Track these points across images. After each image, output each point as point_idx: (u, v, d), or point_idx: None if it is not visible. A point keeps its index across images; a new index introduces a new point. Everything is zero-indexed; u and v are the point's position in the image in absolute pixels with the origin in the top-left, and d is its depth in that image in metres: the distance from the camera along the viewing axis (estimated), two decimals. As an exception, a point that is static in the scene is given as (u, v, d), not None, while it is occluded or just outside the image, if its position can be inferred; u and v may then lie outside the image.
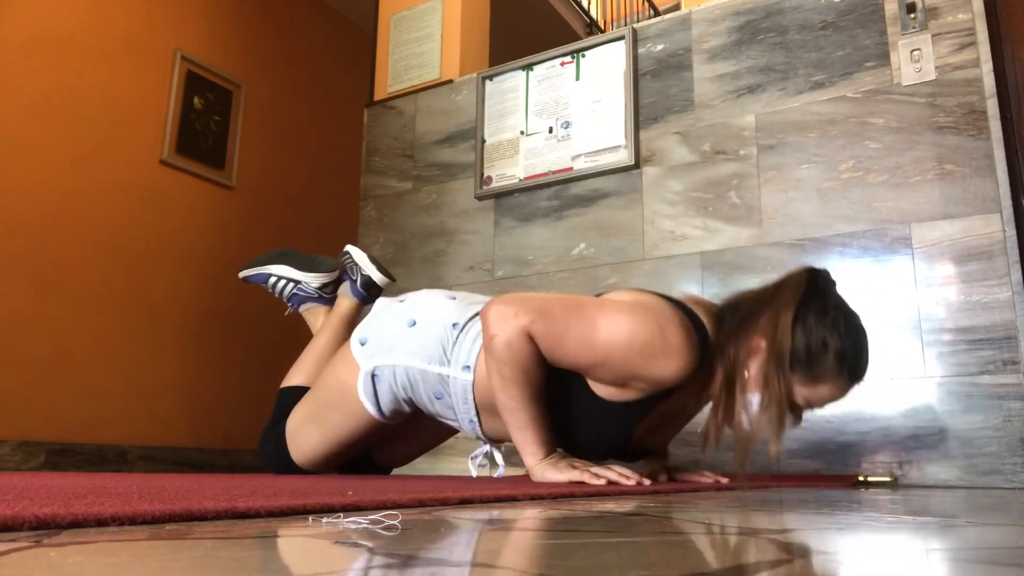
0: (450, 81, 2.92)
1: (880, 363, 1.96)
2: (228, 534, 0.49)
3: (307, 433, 1.54)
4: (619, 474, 1.24)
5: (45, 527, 0.47)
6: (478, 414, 1.42)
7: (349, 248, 1.87)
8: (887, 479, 1.88)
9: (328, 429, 1.52)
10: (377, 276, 1.82)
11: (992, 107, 1.94)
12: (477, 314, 1.43)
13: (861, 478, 1.89)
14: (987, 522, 0.76)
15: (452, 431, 1.68)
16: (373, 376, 1.46)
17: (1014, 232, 1.86)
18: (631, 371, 1.24)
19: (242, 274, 1.86)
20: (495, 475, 1.57)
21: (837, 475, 1.91)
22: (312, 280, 1.82)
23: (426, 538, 0.52)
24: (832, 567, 0.42)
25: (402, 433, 1.65)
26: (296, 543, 0.48)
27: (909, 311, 1.95)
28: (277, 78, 4.21)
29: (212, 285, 3.66)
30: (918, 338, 1.92)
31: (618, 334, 1.22)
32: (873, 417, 1.94)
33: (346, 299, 1.80)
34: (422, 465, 2.60)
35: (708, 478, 1.47)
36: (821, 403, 1.26)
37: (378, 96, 3.13)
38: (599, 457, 1.42)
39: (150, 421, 3.32)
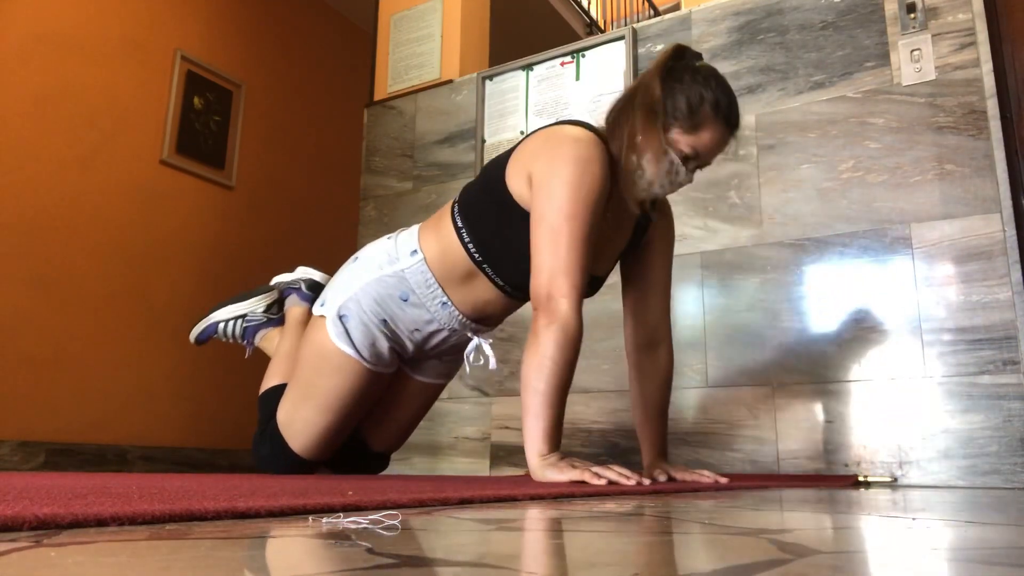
0: (450, 81, 2.92)
1: (880, 363, 1.97)
2: (228, 534, 0.49)
3: (300, 413, 1.54)
4: (619, 474, 1.24)
5: (45, 527, 0.47)
6: (444, 291, 1.49)
7: (276, 278, 1.93)
8: (887, 479, 1.88)
9: (319, 398, 1.52)
10: (319, 275, 1.87)
11: (992, 107, 1.94)
12: (407, 228, 1.57)
13: (861, 478, 1.89)
14: (987, 522, 0.76)
15: (437, 391, 1.72)
16: (341, 317, 1.51)
17: (1014, 232, 1.86)
18: (599, 199, 1.35)
19: (192, 337, 1.89)
20: (490, 368, 1.56)
21: (837, 475, 1.91)
22: (256, 304, 1.86)
23: (426, 538, 0.52)
24: (832, 567, 0.42)
25: (387, 403, 1.67)
26: (296, 543, 0.48)
27: (909, 311, 1.95)
28: (277, 78, 4.21)
29: (212, 285, 3.66)
30: (918, 338, 1.92)
31: (577, 201, 1.32)
32: (873, 417, 1.94)
33: (297, 307, 1.83)
34: (422, 465, 2.60)
35: (708, 478, 1.47)
36: (706, 150, 1.39)
37: (378, 96, 3.13)
38: None
39: (150, 421, 3.32)
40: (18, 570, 0.33)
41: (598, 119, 1.49)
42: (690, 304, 2.24)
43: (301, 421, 1.54)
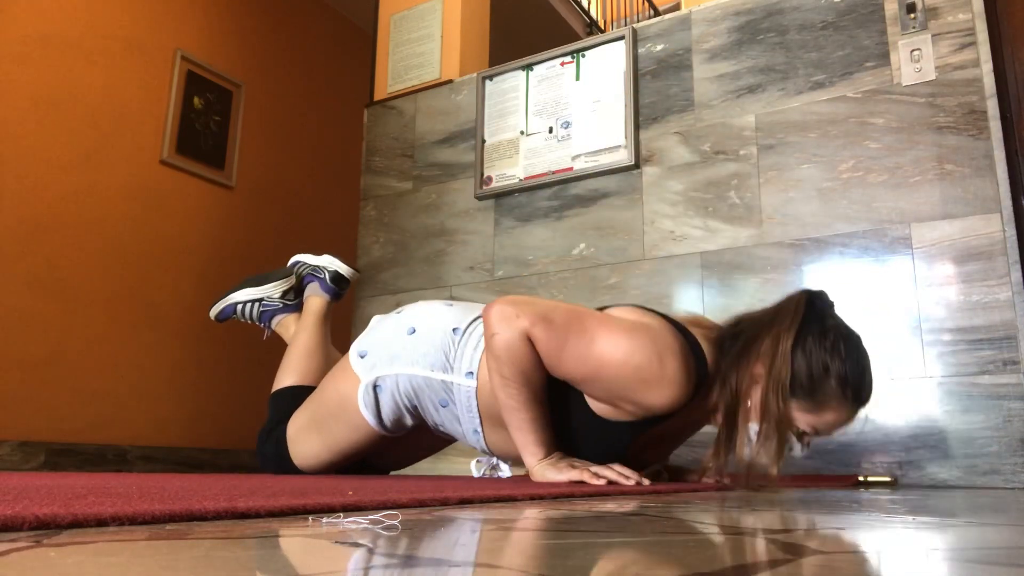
0: (450, 81, 2.92)
1: (880, 363, 1.97)
2: (228, 534, 0.49)
3: (308, 440, 1.54)
4: (619, 474, 1.24)
5: (45, 527, 0.47)
6: (482, 423, 1.41)
7: (298, 256, 1.89)
8: (887, 479, 1.88)
9: (329, 439, 1.52)
10: (344, 269, 1.83)
11: (992, 107, 1.94)
12: (477, 318, 1.43)
13: (861, 478, 1.89)
14: (987, 522, 0.76)
15: (451, 439, 1.68)
16: (375, 387, 1.45)
17: (1014, 232, 1.86)
18: (621, 392, 1.24)
19: (212, 313, 1.88)
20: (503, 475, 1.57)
21: (837, 475, 1.91)
22: (272, 290, 1.83)
23: (426, 538, 0.52)
24: (832, 567, 0.42)
25: (402, 442, 1.65)
26: (296, 543, 0.48)
27: (909, 311, 1.95)
28: (277, 78, 4.21)
29: (212, 285, 3.66)
30: (918, 338, 1.92)
31: (615, 353, 1.21)
32: (873, 417, 1.94)
33: (316, 297, 1.81)
34: (422, 465, 2.60)
35: (708, 478, 1.47)
36: (828, 429, 1.25)
37: (378, 96, 3.13)
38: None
39: (150, 421, 3.32)
40: (18, 570, 0.33)
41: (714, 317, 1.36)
42: (690, 304, 2.24)
43: (306, 446, 1.54)
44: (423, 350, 1.42)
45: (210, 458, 3.52)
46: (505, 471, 1.56)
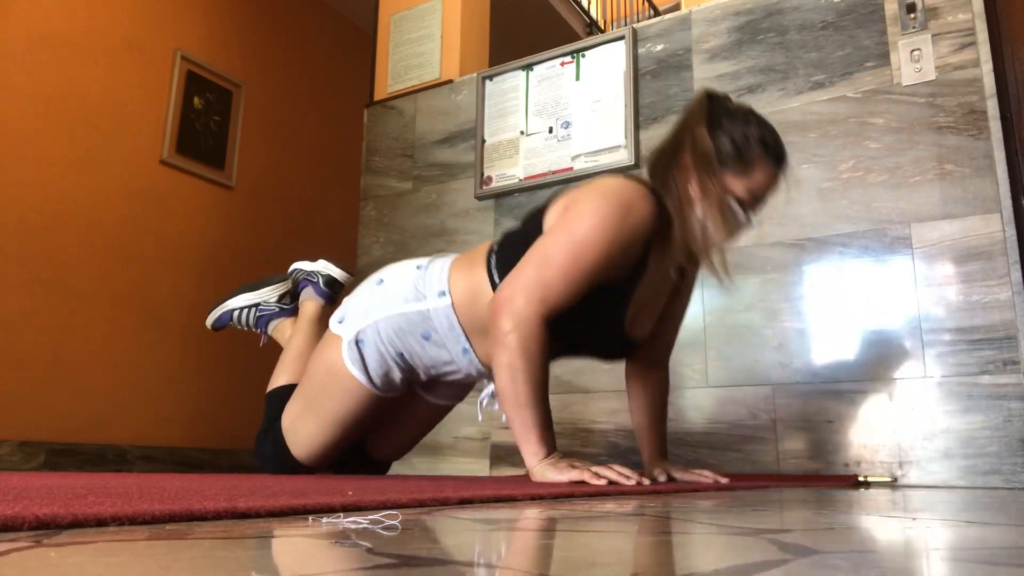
0: (450, 81, 2.92)
1: (880, 363, 1.97)
2: (228, 534, 0.49)
3: (304, 425, 1.54)
4: (619, 474, 1.24)
5: (45, 527, 0.47)
6: (468, 339, 1.44)
7: (296, 264, 1.91)
8: (887, 479, 1.88)
9: (323, 416, 1.52)
10: (338, 273, 1.86)
11: (992, 107, 1.94)
12: (436, 256, 1.53)
13: (861, 478, 1.89)
14: (987, 522, 0.76)
15: (446, 411, 1.71)
16: (358, 342, 1.47)
17: (1014, 232, 1.86)
18: (625, 242, 1.31)
19: (208, 322, 1.90)
20: (502, 419, 1.57)
21: (837, 475, 1.91)
22: (269, 294, 1.85)
23: (426, 538, 0.52)
24: (832, 567, 0.42)
25: (395, 418, 1.66)
26: (296, 543, 0.48)
27: (909, 311, 1.95)
28: (277, 78, 4.21)
29: (212, 285, 3.66)
30: (918, 338, 1.92)
31: (599, 232, 1.27)
32: (873, 417, 1.94)
33: (311, 301, 1.82)
34: (422, 465, 2.60)
35: (708, 478, 1.47)
36: (761, 190, 1.36)
37: (378, 96, 3.13)
38: (594, 350, 1.49)
39: (150, 421, 3.32)
40: (18, 570, 0.33)
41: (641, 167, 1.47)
42: (690, 304, 2.24)
43: (303, 432, 1.54)
44: (393, 292, 1.48)
45: (210, 458, 3.52)
46: None
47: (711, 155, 1.31)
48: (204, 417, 3.54)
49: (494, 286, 1.38)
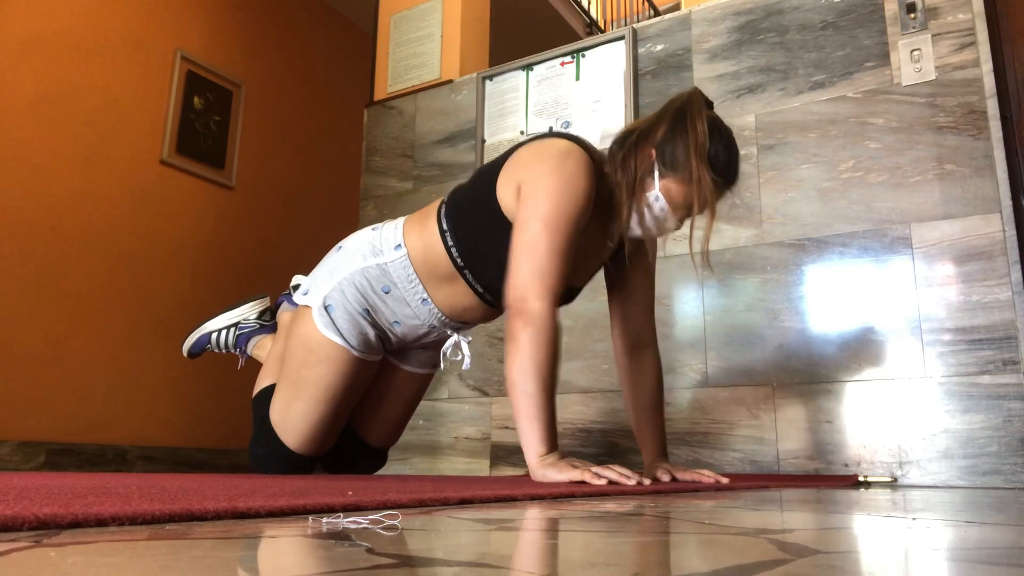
0: (450, 81, 2.92)
1: (880, 363, 1.97)
2: (228, 534, 0.49)
3: (293, 409, 1.55)
4: (619, 474, 1.24)
5: (45, 527, 0.47)
6: (425, 288, 1.51)
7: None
8: (887, 479, 1.88)
9: (310, 392, 1.53)
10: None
11: (992, 107, 1.94)
12: (392, 220, 1.60)
13: (861, 478, 1.89)
14: (987, 522, 0.76)
15: (426, 380, 1.74)
16: (326, 308, 1.51)
17: (1014, 232, 1.86)
18: (582, 213, 1.37)
19: (184, 350, 1.91)
20: (463, 368, 1.60)
21: (837, 475, 1.91)
22: (248, 311, 1.88)
23: (426, 538, 0.52)
24: (832, 567, 0.42)
25: (378, 392, 1.68)
26: (296, 543, 0.48)
27: (909, 311, 1.95)
28: (277, 78, 4.21)
29: (212, 285, 3.66)
30: (918, 338, 1.92)
31: (560, 212, 1.34)
32: (873, 417, 1.94)
33: (287, 312, 1.83)
34: (422, 465, 2.60)
35: (708, 478, 1.47)
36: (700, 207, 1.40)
37: (378, 96, 3.13)
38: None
39: (150, 421, 3.32)
40: (18, 570, 0.33)
41: (603, 135, 1.50)
42: (690, 304, 2.25)
43: (294, 416, 1.55)
44: (351, 252, 1.56)
45: (210, 458, 3.52)
46: (466, 351, 1.60)
47: (656, 151, 1.38)
48: (204, 417, 3.54)
49: (444, 240, 1.47)
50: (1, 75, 2.97)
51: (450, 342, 1.62)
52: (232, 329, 1.86)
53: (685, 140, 1.36)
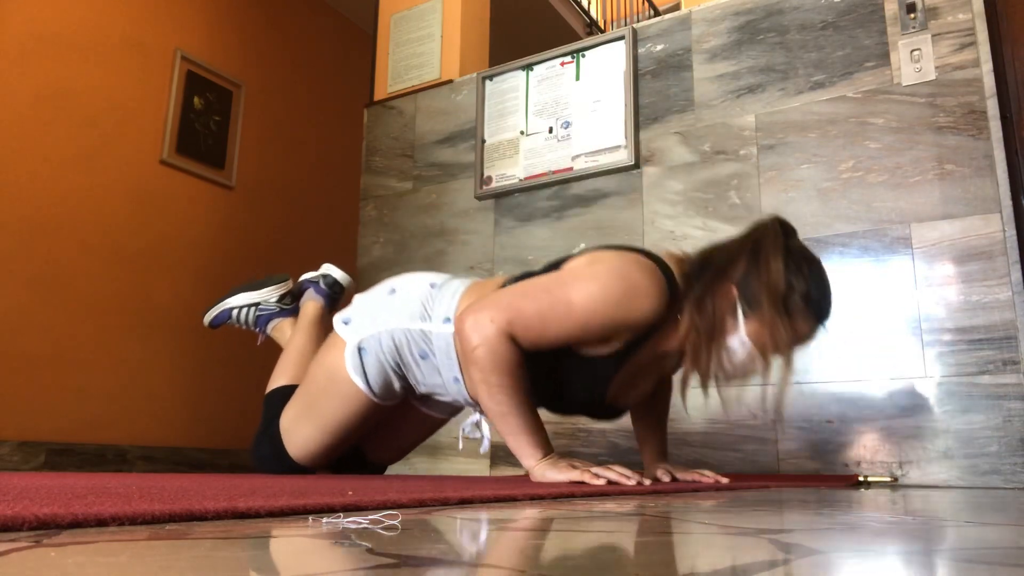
0: (450, 81, 2.92)
1: (880, 363, 1.97)
2: (228, 534, 0.49)
3: (302, 427, 1.54)
4: (619, 474, 1.24)
5: (45, 527, 0.47)
6: (462, 370, 1.44)
7: (302, 277, 1.92)
8: (887, 479, 1.88)
9: (322, 419, 1.52)
10: (340, 274, 1.87)
11: (992, 107, 1.94)
12: (453, 277, 1.52)
13: (861, 478, 1.89)
14: (987, 522, 0.76)
15: (441, 423, 1.70)
16: (360, 350, 1.47)
17: (1014, 232, 1.86)
18: (614, 325, 1.27)
19: (206, 320, 1.90)
20: (480, 451, 1.59)
21: (837, 475, 1.91)
22: (269, 294, 1.86)
23: (426, 538, 0.52)
24: (832, 567, 0.42)
25: (392, 425, 1.66)
26: (296, 543, 0.48)
27: (909, 311, 1.95)
28: (277, 78, 4.21)
29: (212, 285, 3.65)
30: (918, 338, 1.92)
31: (592, 300, 1.24)
32: (873, 417, 1.94)
33: (312, 301, 1.83)
34: (422, 465, 2.60)
35: (708, 478, 1.47)
36: (795, 344, 1.28)
37: (378, 96, 3.13)
38: (578, 412, 1.48)
39: (150, 421, 3.32)
40: (18, 570, 0.33)
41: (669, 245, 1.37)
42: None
43: (301, 434, 1.54)
44: (402, 304, 1.47)
45: (210, 458, 3.52)
46: (486, 432, 1.57)
47: (780, 297, 1.21)
48: (204, 417, 3.54)
49: None
50: (1, 75, 2.97)
51: (471, 419, 1.56)
52: (252, 309, 1.86)
53: (759, 280, 1.23)
